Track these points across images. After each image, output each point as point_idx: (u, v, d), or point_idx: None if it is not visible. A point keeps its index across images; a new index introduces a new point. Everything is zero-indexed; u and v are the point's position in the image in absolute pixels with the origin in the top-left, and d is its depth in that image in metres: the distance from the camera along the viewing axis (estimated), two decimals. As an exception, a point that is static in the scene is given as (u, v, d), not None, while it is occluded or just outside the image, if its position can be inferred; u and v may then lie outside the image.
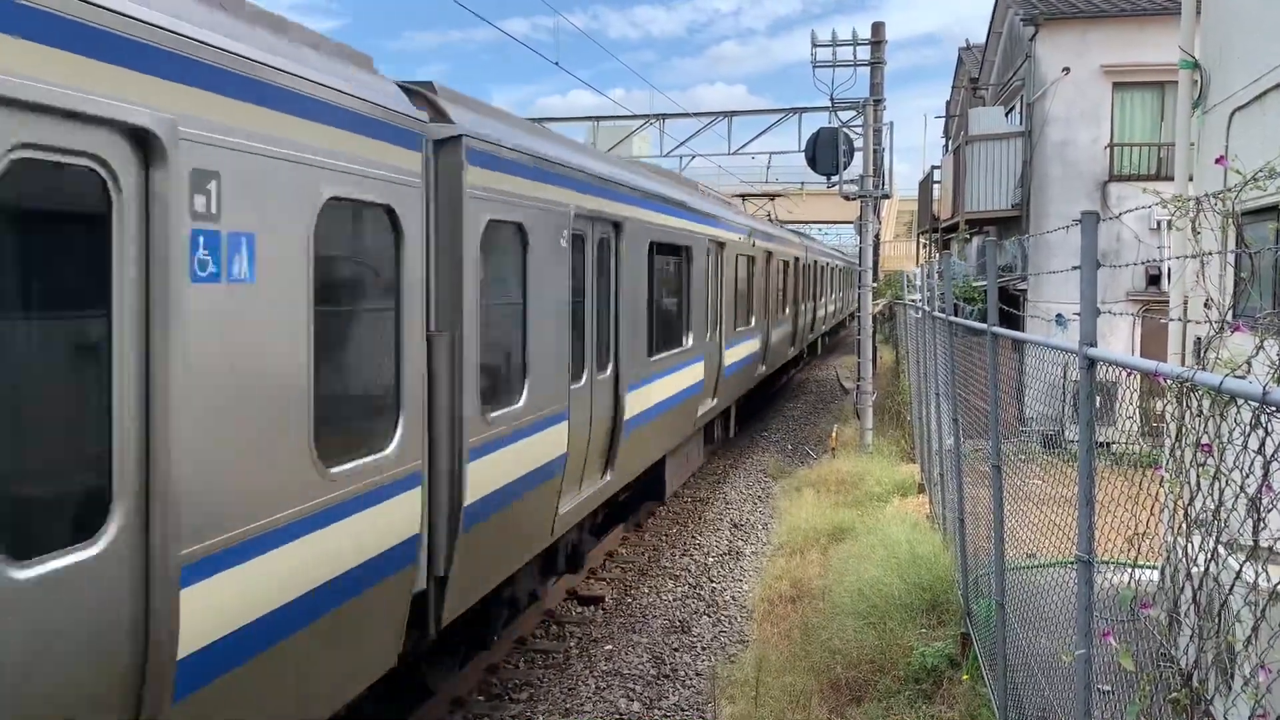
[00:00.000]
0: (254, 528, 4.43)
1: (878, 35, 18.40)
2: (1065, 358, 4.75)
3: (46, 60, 3.41)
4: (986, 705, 6.68)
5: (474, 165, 6.50)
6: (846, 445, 17.84)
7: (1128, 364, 3.62)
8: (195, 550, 4.05)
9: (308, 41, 5.20)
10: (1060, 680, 4.86)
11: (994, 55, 26.21)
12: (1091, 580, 3.84)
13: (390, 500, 5.59)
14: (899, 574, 8.95)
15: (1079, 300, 3.99)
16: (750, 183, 38.23)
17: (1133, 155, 19.36)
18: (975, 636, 7.48)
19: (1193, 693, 3.08)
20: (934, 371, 10.75)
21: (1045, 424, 6.12)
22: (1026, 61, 20.26)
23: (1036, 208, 19.56)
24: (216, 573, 4.20)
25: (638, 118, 22.82)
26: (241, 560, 4.35)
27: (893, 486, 13.93)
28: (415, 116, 5.99)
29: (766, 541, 12.74)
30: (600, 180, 9.17)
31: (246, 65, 4.37)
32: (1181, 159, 9.19)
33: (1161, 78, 18.33)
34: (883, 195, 19.07)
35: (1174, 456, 3.27)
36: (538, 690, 8.27)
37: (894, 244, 59.62)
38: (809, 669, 7.90)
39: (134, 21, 3.76)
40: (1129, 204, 17.56)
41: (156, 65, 3.87)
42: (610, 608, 10.27)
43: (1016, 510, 6.15)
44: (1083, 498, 3.83)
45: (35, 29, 3.37)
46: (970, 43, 32.28)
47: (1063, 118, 19.24)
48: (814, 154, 18.46)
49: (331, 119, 5.04)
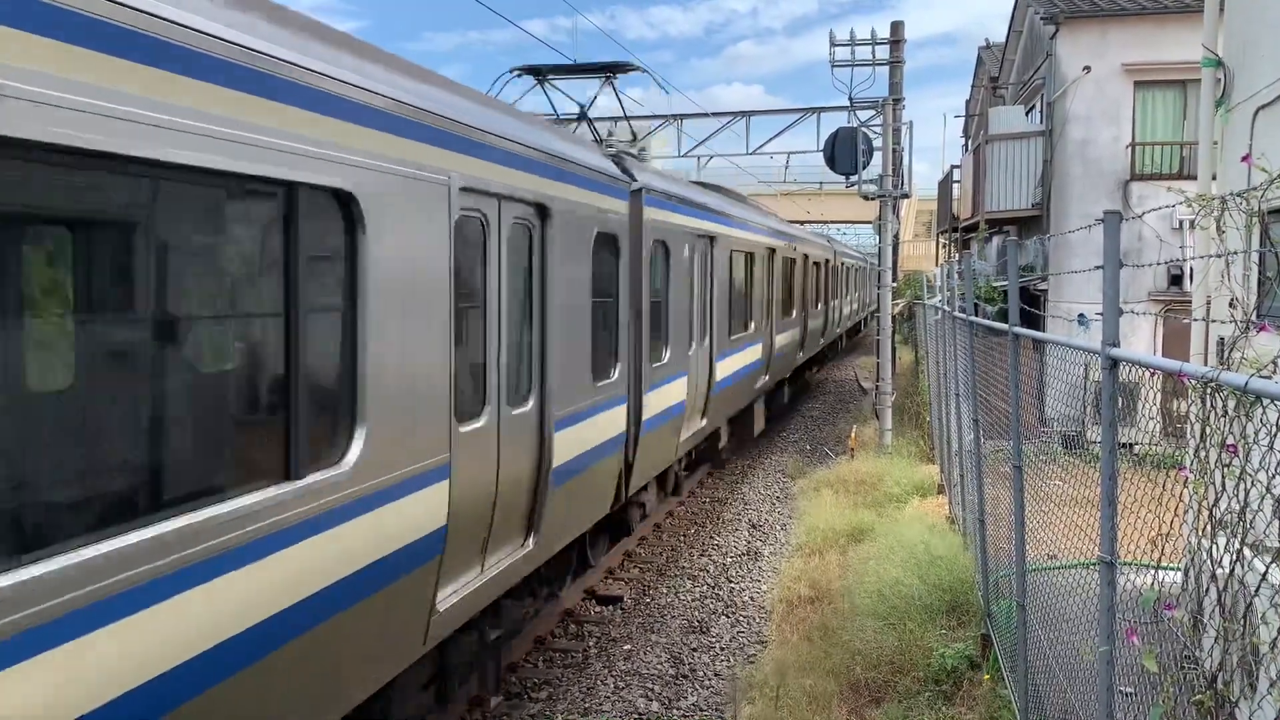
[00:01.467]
0: (574, 409, 7.98)
1: (896, 34, 18.35)
2: (1086, 358, 4.72)
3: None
4: (1007, 707, 6.65)
5: (648, 206, 10.13)
6: (865, 446, 17.78)
7: (1151, 364, 3.59)
8: (560, 415, 7.52)
9: (567, 135, 8.10)
10: (1082, 682, 4.83)
11: (1014, 54, 26.09)
12: (1114, 581, 3.82)
13: (618, 407, 9.24)
14: (918, 575, 8.92)
15: (1100, 300, 3.96)
16: (768, 183, 38.17)
17: (1154, 154, 19.23)
18: (996, 638, 7.44)
19: (1217, 695, 3.06)
20: (954, 372, 10.71)
21: (1066, 425, 6.09)
22: (1047, 60, 20.15)
23: (1057, 207, 19.45)
24: (562, 430, 7.65)
25: (656, 118, 22.80)
26: (570, 425, 7.89)
27: (912, 487, 13.88)
28: (624, 180, 9.53)
29: (785, 542, 12.72)
30: (705, 209, 12.96)
31: (585, 171, 8.25)
32: (1205, 158, 9.12)
33: (1183, 76, 18.18)
34: (902, 195, 19.01)
35: (1198, 457, 3.25)
36: (557, 689, 8.28)
37: (913, 244, 59.42)
38: (828, 670, 7.88)
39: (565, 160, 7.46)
40: (1150, 203, 17.44)
41: (541, 169, 7.13)
42: (629, 607, 10.28)
43: (1037, 511, 6.12)
44: (1105, 499, 3.81)
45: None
46: (990, 42, 32.14)
47: (1083, 116, 19.12)
48: (833, 154, 18.41)
49: (600, 188, 8.66)
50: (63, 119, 3.31)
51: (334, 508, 4.76)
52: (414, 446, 5.49)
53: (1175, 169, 18.91)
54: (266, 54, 4.28)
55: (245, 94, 4.16)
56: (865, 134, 18.34)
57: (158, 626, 3.74)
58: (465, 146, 6.07)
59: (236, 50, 4.11)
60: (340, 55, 4.99)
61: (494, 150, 6.50)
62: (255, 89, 4.22)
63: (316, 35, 4.88)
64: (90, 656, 3.46)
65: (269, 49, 4.33)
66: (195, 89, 3.87)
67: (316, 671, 4.81)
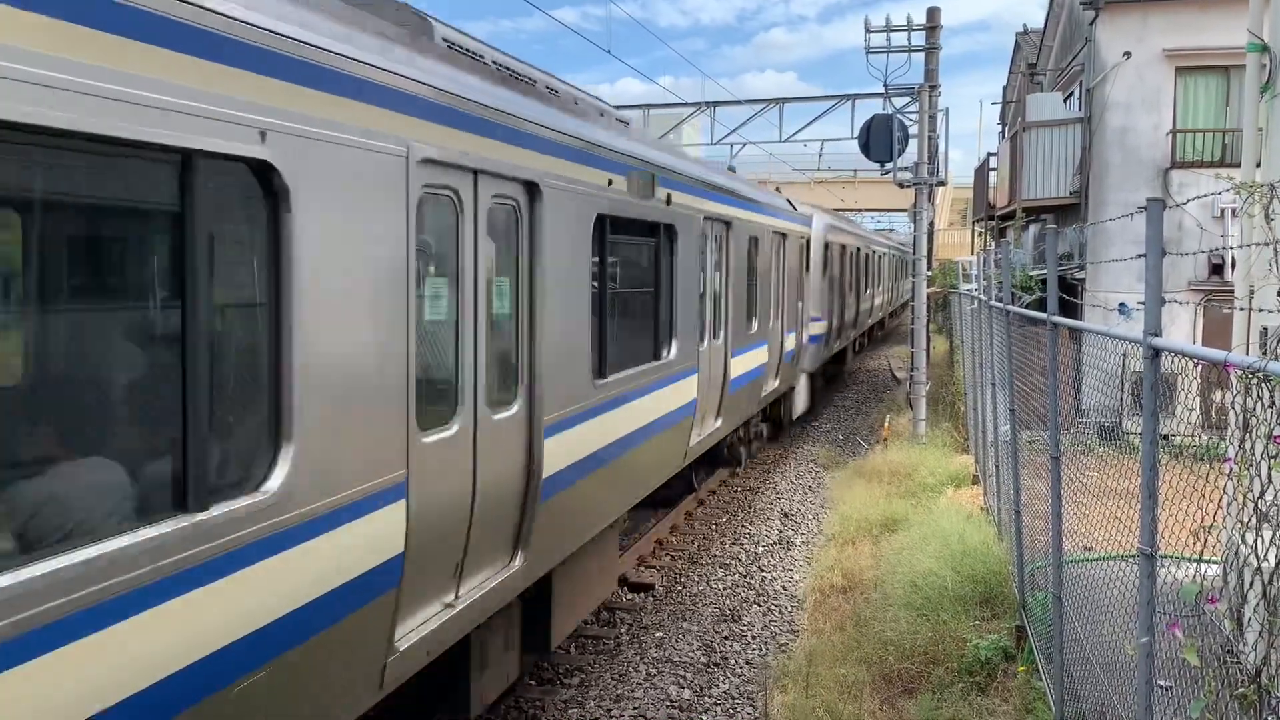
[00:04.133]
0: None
1: (933, 20, 18.18)
2: (1125, 348, 4.67)
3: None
4: (1042, 699, 6.60)
5: (827, 235, 17.55)
6: (899, 436, 17.68)
7: (1194, 354, 3.54)
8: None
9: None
10: (1120, 675, 4.79)
11: (1052, 40, 25.75)
12: (1154, 574, 3.77)
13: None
14: (952, 566, 8.87)
15: (1141, 289, 3.91)
16: (802, 170, 37.99)
17: (1196, 141, 18.92)
18: (1031, 630, 7.39)
19: (1261, 689, 3.02)
20: (989, 361, 10.62)
21: (1102, 415, 6.04)
22: (1086, 46, 19.87)
23: (1095, 195, 19.21)
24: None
25: (689, 105, 22.74)
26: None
27: (946, 478, 13.80)
28: (812, 218, 17.05)
29: (817, 531, 12.68)
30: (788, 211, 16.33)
31: (785, 213, 14.55)
32: (1249, 144, 8.95)
33: (1227, 61, 17.87)
34: (938, 182, 18.86)
35: (1243, 449, 3.20)
36: (589, 675, 8.31)
37: (947, 232, 58.95)
38: (860, 660, 7.86)
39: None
40: (1191, 191, 17.18)
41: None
42: (660, 595, 10.29)
43: (1074, 502, 6.06)
44: (1146, 490, 3.76)
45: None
46: (1028, 28, 31.79)
47: (1123, 103, 18.85)
48: (867, 141, 18.31)
49: (787, 217, 14.78)
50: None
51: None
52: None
53: (1217, 156, 18.61)
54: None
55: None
56: (901, 121, 18.20)
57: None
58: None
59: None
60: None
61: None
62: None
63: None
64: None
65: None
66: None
67: (745, 402, 7.64)
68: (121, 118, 3.24)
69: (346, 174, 4.43)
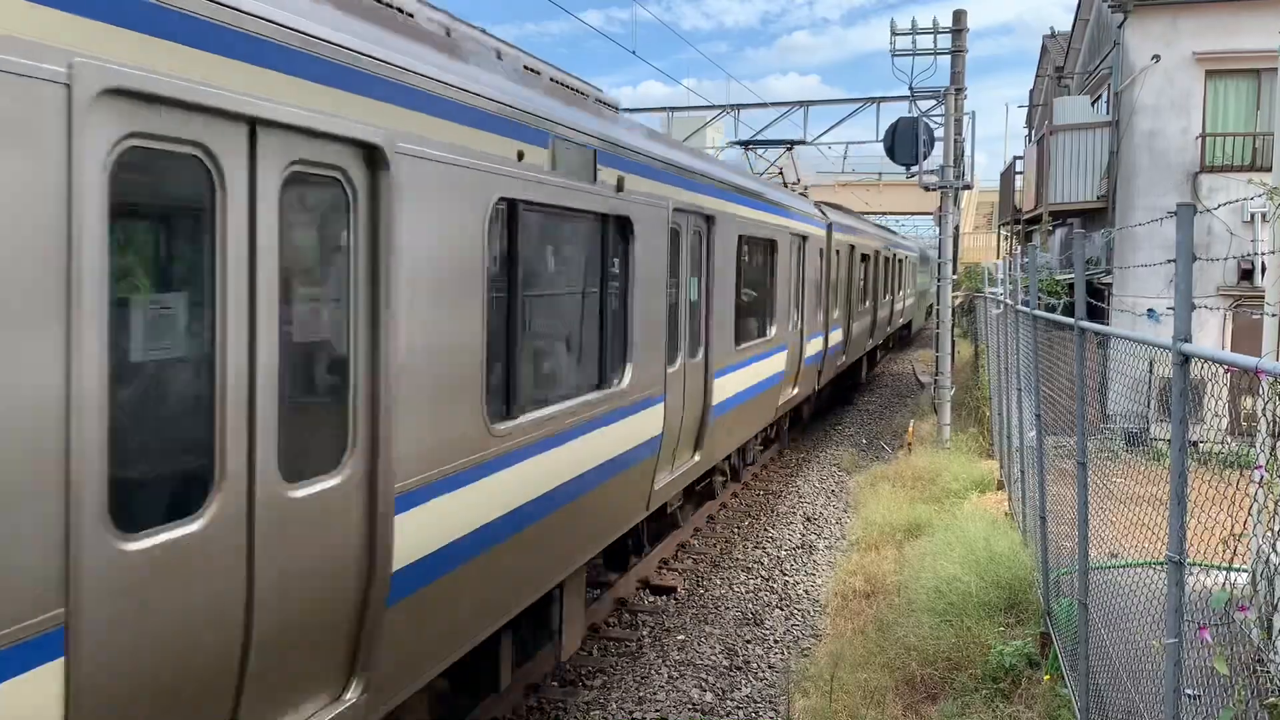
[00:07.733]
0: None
1: (959, 23, 18.11)
2: (1153, 353, 4.63)
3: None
4: (1067, 706, 6.56)
5: (835, 233, 17.47)
6: (923, 440, 17.60)
7: (1224, 359, 3.51)
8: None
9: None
10: (1146, 683, 4.75)
11: (1080, 43, 25.59)
12: (1182, 582, 3.74)
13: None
14: (977, 571, 8.82)
15: (1170, 294, 3.89)
16: (826, 173, 37.87)
17: (1226, 145, 18.75)
18: (1056, 636, 7.34)
19: (1290, 699, 2.99)
20: (1015, 366, 10.55)
21: (1128, 421, 6.00)
22: (1114, 49, 19.73)
23: (1123, 200, 19.07)
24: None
25: (714, 108, 22.73)
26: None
27: (970, 483, 13.72)
28: (823, 216, 16.64)
29: (840, 536, 12.64)
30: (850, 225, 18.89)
31: (795, 211, 14.72)
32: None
33: (1258, 64, 17.72)
34: (964, 186, 18.77)
35: (1273, 456, 3.17)
36: (611, 678, 8.32)
37: (973, 235, 58.66)
38: (883, 665, 7.83)
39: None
40: (1221, 196, 17.02)
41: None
42: (682, 598, 10.29)
43: (1100, 508, 6.02)
44: (1174, 496, 3.74)
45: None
46: (1055, 31, 31.57)
47: (1151, 107, 18.70)
48: (893, 144, 18.25)
49: (815, 224, 15.81)
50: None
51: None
52: (821, 321, 10.12)
53: (1247, 160, 18.44)
54: (838, 222, 8.45)
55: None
56: (926, 124, 18.13)
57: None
58: (845, 229, 11.15)
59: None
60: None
61: (850, 230, 11.36)
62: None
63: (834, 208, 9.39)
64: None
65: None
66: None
67: (812, 376, 10.47)
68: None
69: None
